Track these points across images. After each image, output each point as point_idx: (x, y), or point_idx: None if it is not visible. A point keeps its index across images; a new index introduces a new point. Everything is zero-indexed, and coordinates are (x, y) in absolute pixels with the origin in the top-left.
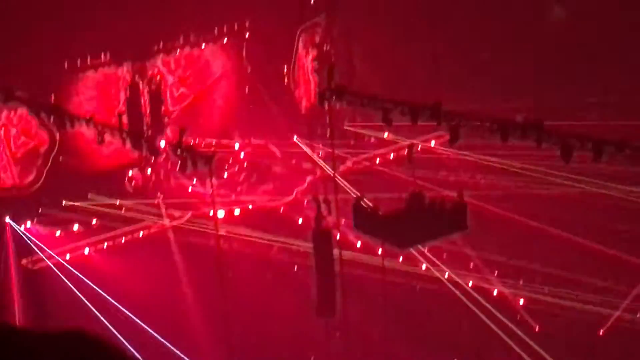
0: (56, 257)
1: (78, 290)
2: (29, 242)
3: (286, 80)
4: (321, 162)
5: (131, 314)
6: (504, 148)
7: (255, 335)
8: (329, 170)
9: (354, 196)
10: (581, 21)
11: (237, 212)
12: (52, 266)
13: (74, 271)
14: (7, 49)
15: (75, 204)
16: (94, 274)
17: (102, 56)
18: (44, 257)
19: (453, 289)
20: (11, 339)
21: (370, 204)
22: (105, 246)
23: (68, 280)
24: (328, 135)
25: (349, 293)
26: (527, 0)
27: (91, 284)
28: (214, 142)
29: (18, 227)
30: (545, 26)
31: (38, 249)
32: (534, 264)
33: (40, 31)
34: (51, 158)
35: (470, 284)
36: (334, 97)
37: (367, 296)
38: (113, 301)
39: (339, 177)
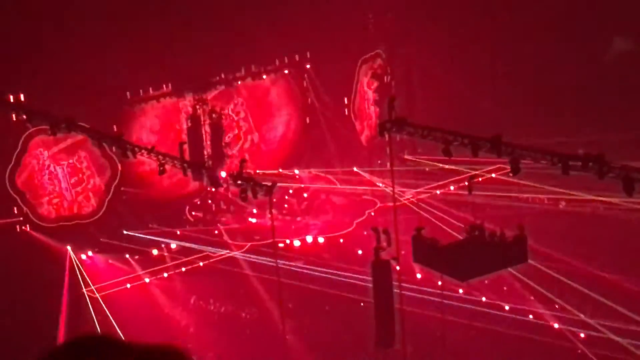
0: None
1: (136, 318)
2: (88, 270)
3: (347, 111)
4: (382, 192)
5: (189, 343)
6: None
7: None
8: (389, 200)
9: (414, 227)
10: None
11: (296, 243)
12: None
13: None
14: (71, 80)
15: (136, 233)
16: (154, 302)
17: (164, 87)
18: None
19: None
20: (114, 349)
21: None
22: (165, 275)
23: (128, 308)
24: (388, 166)
25: (408, 324)
26: (591, 36)
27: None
28: (274, 173)
29: (78, 256)
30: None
31: (98, 278)
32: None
33: (103, 63)
34: (112, 188)
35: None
36: (394, 129)
37: (426, 329)
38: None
39: (402, 206)
